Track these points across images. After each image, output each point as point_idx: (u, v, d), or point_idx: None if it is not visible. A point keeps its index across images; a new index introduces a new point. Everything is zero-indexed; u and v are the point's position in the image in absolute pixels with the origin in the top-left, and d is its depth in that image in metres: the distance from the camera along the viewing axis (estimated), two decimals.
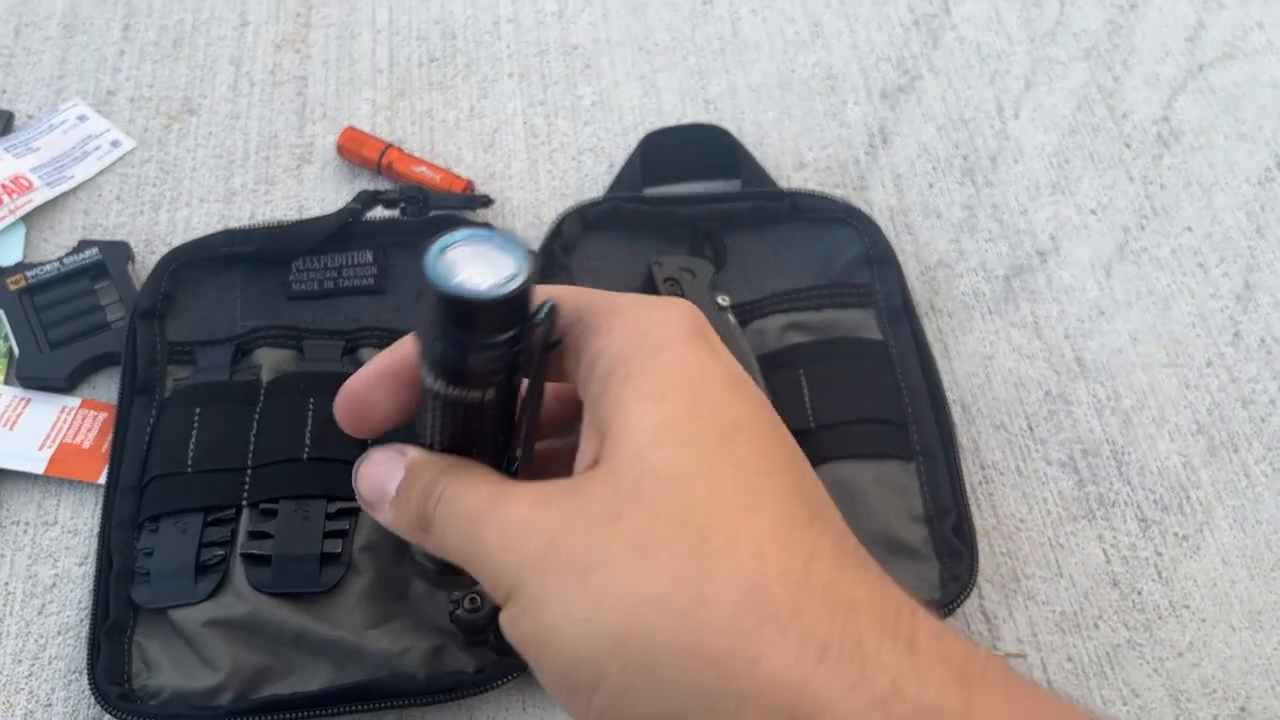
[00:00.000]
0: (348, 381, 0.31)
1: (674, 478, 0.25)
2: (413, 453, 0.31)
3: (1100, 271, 0.63)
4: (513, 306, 0.26)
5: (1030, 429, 0.58)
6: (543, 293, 0.29)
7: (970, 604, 0.52)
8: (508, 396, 0.29)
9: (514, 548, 0.26)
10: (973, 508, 0.54)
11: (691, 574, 0.24)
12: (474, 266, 0.26)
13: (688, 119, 0.68)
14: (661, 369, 0.27)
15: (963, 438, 0.57)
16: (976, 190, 0.66)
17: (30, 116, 0.67)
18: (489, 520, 0.27)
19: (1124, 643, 0.52)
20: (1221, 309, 0.61)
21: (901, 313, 0.58)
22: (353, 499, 0.52)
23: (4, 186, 0.62)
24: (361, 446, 0.53)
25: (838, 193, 0.64)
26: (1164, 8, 0.74)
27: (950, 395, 0.58)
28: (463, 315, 0.26)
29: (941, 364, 0.59)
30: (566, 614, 0.25)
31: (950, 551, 0.52)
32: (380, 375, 0.31)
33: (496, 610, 0.47)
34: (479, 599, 0.47)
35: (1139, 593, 0.53)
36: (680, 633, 0.24)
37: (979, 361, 0.60)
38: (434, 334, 0.27)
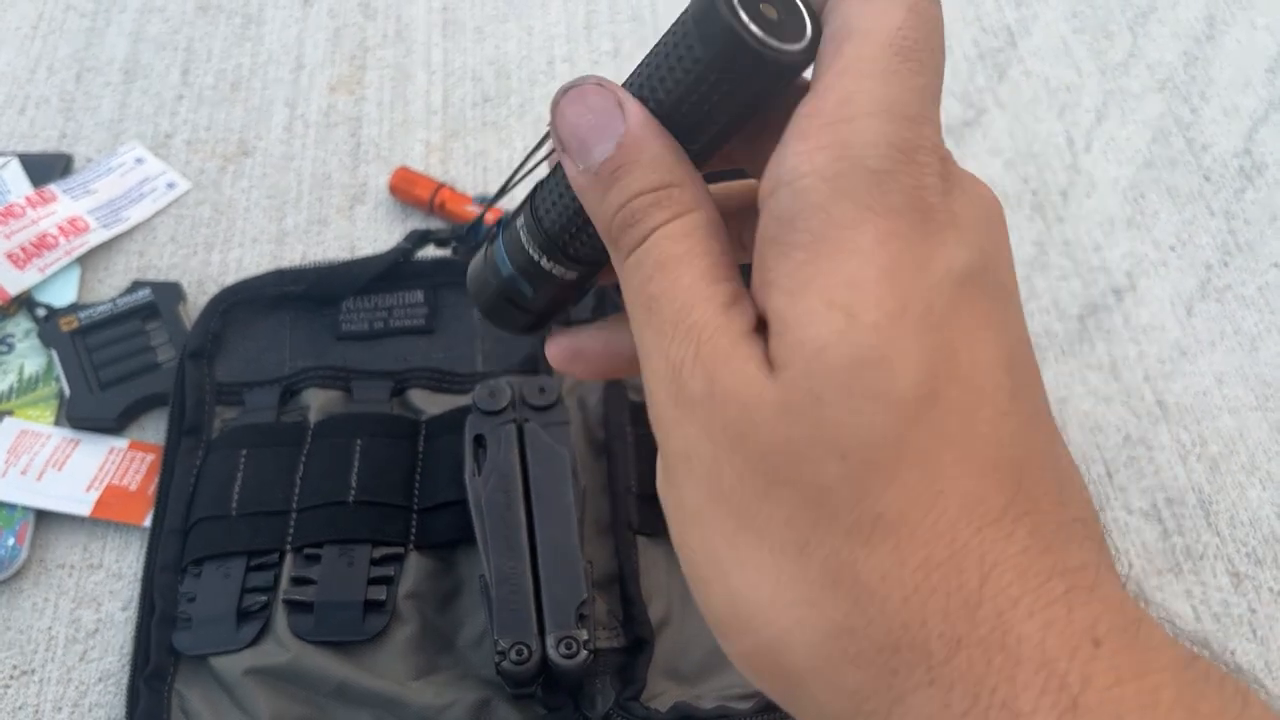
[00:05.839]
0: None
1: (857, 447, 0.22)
2: (634, 117, 0.25)
3: (1181, 310, 0.60)
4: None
5: (1109, 476, 0.54)
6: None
7: None
8: None
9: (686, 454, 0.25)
10: None
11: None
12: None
13: None
14: (846, 263, 0.23)
15: None
16: (1047, 226, 0.63)
17: (89, 159, 0.67)
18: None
19: None
20: None
21: None
22: (398, 544, 0.50)
23: (61, 228, 0.62)
24: (408, 494, 0.52)
25: None
26: (1242, 39, 0.71)
27: None
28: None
29: None
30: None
31: None
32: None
33: (544, 661, 0.45)
34: (525, 650, 0.45)
35: (1233, 653, 0.49)
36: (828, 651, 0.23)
37: (1052, 405, 0.56)
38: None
